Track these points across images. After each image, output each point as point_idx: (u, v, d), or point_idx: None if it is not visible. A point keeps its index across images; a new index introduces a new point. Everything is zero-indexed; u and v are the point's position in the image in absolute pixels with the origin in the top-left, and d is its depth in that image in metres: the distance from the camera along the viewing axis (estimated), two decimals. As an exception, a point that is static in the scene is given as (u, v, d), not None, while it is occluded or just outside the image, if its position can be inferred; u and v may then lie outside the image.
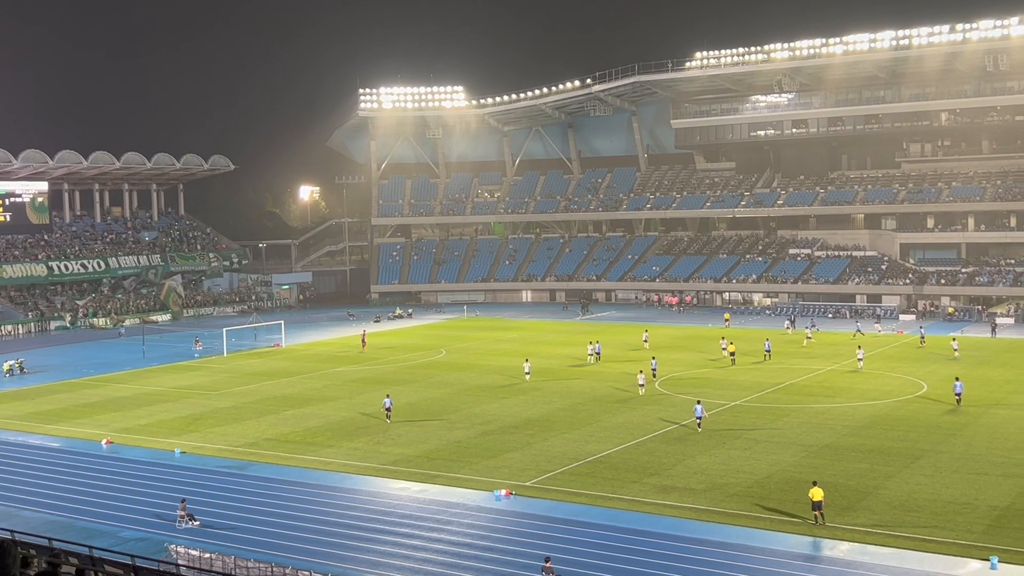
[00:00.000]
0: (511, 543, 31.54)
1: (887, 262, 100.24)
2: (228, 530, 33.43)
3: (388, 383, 59.01)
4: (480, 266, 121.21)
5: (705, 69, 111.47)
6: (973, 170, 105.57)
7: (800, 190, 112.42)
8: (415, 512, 34.97)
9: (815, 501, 32.01)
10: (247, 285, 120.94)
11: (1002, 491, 35.10)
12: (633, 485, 37.13)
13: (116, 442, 46.91)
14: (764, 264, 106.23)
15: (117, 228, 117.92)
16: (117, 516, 35.38)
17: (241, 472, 41.07)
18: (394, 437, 46.23)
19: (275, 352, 77.83)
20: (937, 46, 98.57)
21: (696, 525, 32.58)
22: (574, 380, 60.60)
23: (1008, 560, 28.45)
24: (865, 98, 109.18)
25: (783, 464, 39.36)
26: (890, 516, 32.65)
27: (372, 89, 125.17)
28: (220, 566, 27.99)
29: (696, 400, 48.11)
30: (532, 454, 42.26)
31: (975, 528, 31.34)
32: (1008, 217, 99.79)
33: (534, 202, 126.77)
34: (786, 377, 59.68)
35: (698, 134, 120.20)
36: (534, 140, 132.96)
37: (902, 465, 38.87)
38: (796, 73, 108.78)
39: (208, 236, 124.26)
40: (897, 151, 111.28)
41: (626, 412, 50.31)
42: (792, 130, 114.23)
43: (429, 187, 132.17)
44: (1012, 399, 51.58)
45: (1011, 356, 66.92)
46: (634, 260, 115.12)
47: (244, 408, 54.43)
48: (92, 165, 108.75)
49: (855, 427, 45.76)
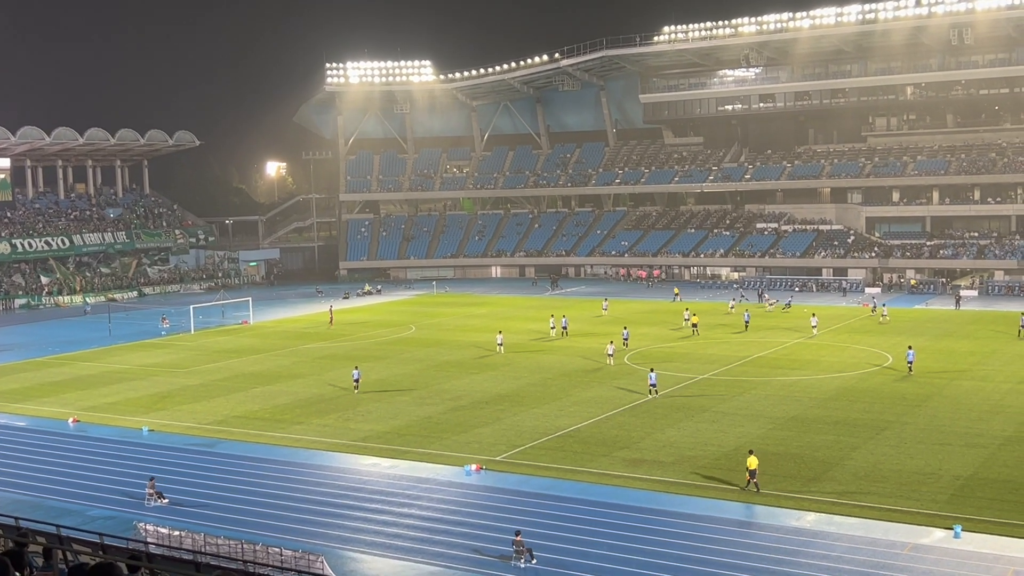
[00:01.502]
0: (482, 517, 31.67)
1: (853, 235, 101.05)
2: (197, 508, 33.33)
3: (357, 359, 58.86)
4: (449, 242, 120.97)
5: (673, 44, 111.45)
6: (938, 144, 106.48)
7: (767, 164, 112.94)
8: (385, 488, 35.01)
9: (751, 469, 32.69)
10: (214, 262, 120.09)
11: (965, 461, 35.63)
12: (603, 459, 37.35)
13: (83, 421, 46.56)
14: (732, 238, 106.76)
15: (81, 205, 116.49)
16: (85, 495, 35.17)
17: (210, 450, 40.91)
18: (364, 413, 46.20)
19: (243, 329, 77.41)
20: (903, 20, 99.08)
21: (665, 497, 32.85)
22: (544, 355, 60.76)
23: (971, 528, 28.91)
24: (832, 72, 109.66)
25: (751, 436, 39.71)
26: (856, 486, 33.07)
27: (339, 64, 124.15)
28: (190, 544, 27.90)
29: (650, 368, 50.20)
30: (502, 429, 42.39)
31: (939, 497, 31.81)
32: (972, 190, 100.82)
33: (503, 177, 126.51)
34: (753, 350, 60.14)
35: (666, 109, 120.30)
36: (503, 115, 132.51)
37: (867, 436, 39.35)
38: (763, 48, 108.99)
39: (174, 213, 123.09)
40: (863, 125, 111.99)
41: (595, 386, 50.54)
42: (759, 104, 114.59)
43: (397, 163, 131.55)
44: (975, 371, 52.28)
45: (975, 328, 67.77)
46: (603, 235, 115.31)
47: (212, 386, 54.16)
48: (55, 141, 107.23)
49: (821, 399, 46.24)
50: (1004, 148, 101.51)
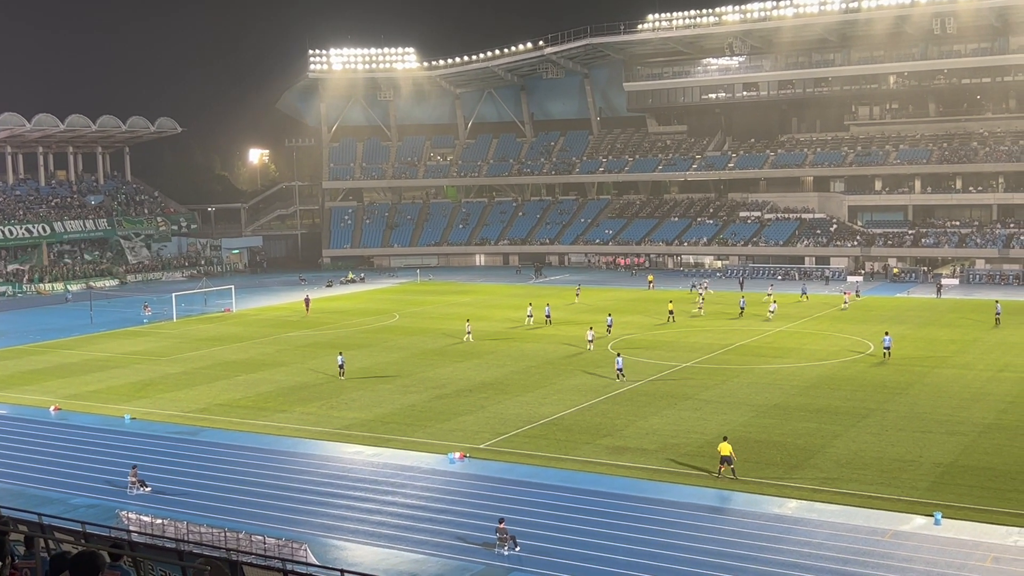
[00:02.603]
0: (465, 505, 31.72)
1: (835, 224, 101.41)
2: (180, 496, 33.26)
3: (341, 347, 58.70)
4: (433, 230, 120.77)
5: (657, 31, 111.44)
6: (920, 133, 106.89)
7: (750, 153, 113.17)
8: (369, 476, 35.02)
9: (724, 455, 32.75)
10: (196, 249, 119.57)
11: (946, 448, 35.89)
12: (586, 446, 37.45)
13: (65, 409, 46.34)
14: (715, 227, 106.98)
15: (62, 192, 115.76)
16: (67, 483, 35.04)
17: (192, 438, 40.81)
18: (347, 401, 46.15)
19: (225, 317, 77.15)
20: (886, 9, 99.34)
21: (648, 485, 32.97)
22: (527, 343, 60.82)
23: (951, 515, 29.14)
24: (815, 61, 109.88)
25: (733, 424, 39.88)
26: (837, 473, 33.27)
27: (322, 50, 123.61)
28: (172, 532, 27.85)
29: (616, 353, 51.03)
30: (486, 417, 42.44)
31: (920, 485, 32.04)
32: (954, 179, 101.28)
33: (487, 165, 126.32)
34: (736, 338, 60.36)
35: (650, 97, 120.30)
36: (486, 103, 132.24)
37: (849, 424, 39.58)
38: (747, 36, 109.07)
39: (156, 200, 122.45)
40: (846, 114, 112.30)
41: (579, 374, 50.64)
42: (743, 93, 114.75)
43: (380, 150, 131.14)
44: (956, 359, 52.63)
45: (956, 316, 68.19)
46: (587, 223, 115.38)
47: (195, 373, 53.98)
48: (35, 127, 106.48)
49: (803, 387, 46.47)
50: (985, 137, 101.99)
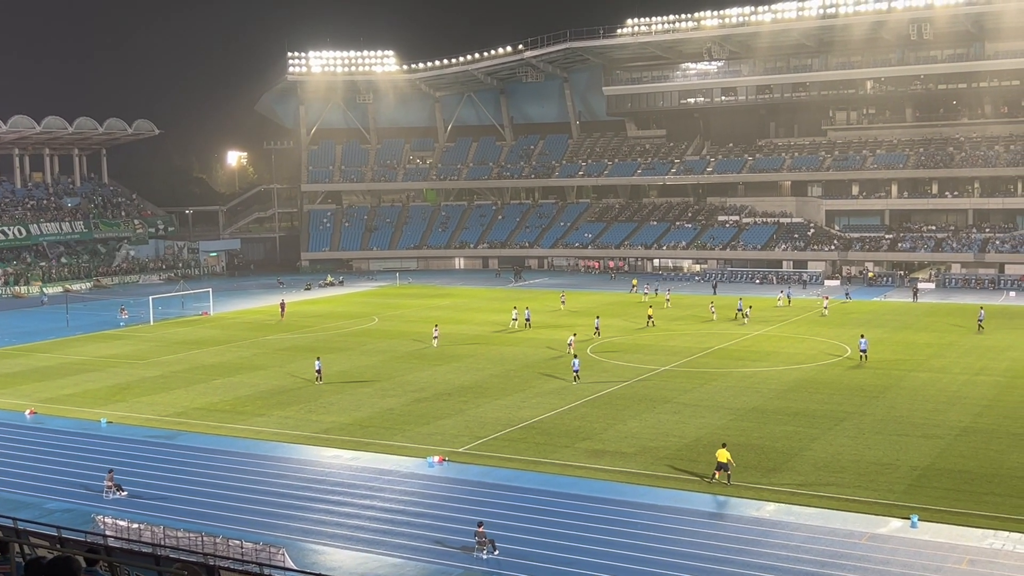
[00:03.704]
0: (444, 509, 31.67)
1: (813, 228, 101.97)
2: (157, 500, 33.03)
3: (320, 351, 58.55)
4: (412, 233, 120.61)
5: (636, 36, 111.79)
6: (896, 138, 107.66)
7: (729, 157, 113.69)
8: (348, 480, 34.90)
9: (720, 462, 32.87)
10: (173, 252, 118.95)
11: (922, 452, 36.12)
12: (565, 450, 37.47)
13: (40, 412, 45.96)
14: (694, 231, 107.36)
15: (38, 194, 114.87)
16: (42, 487, 34.73)
17: (170, 442, 40.55)
18: (326, 405, 46.00)
19: (203, 320, 76.76)
20: (863, 15, 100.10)
21: (627, 488, 33.02)
22: (506, 347, 60.80)
23: (928, 518, 29.33)
24: (793, 66, 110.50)
25: (711, 427, 40.01)
26: (815, 477, 33.42)
27: (301, 53, 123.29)
28: (149, 536, 27.66)
29: (573, 355, 51.47)
30: (465, 420, 42.39)
31: (896, 488, 32.23)
32: (930, 184, 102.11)
33: (466, 169, 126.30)
34: (715, 342, 60.57)
35: (629, 101, 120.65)
36: (466, 106, 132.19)
37: (826, 427, 39.78)
38: (725, 41, 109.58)
39: (133, 202, 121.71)
40: (823, 119, 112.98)
41: (558, 378, 50.65)
42: (721, 98, 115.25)
43: (360, 153, 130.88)
44: (932, 362, 52.99)
45: (932, 320, 68.66)
46: (566, 227, 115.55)
47: (172, 377, 53.66)
48: (11, 129, 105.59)
49: (781, 390, 46.67)
50: (961, 142, 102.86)
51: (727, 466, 32.84)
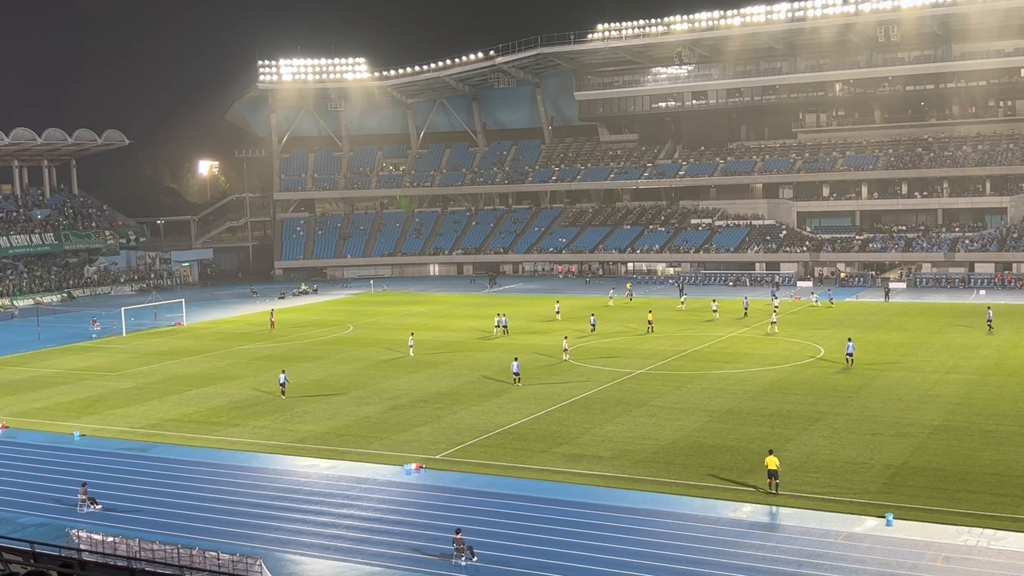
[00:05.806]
0: (422, 516, 31.61)
1: (785, 230, 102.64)
2: (132, 513, 32.78)
3: (294, 360, 58.31)
4: (386, 240, 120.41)
5: (607, 41, 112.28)
6: (866, 139, 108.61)
7: (701, 161, 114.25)
8: (324, 489, 34.77)
9: (770, 469, 32.18)
10: (145, 263, 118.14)
11: (896, 450, 36.40)
12: (542, 455, 37.49)
13: (12, 427, 45.50)
14: (667, 234, 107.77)
15: (7, 206, 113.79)
16: (15, 502, 34.37)
17: (144, 454, 40.26)
18: (301, 414, 45.81)
19: (176, 331, 76.28)
20: (831, 18, 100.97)
21: (604, 492, 33.08)
22: (482, 352, 60.78)
23: (902, 516, 29.55)
24: (763, 69, 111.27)
25: (687, 430, 40.16)
26: (790, 477, 33.59)
27: (272, 61, 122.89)
28: (124, 550, 27.43)
29: (514, 357, 52.32)
30: (442, 427, 42.33)
31: (871, 487, 32.46)
32: (899, 185, 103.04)
33: (440, 175, 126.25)
34: (689, 344, 60.79)
35: (601, 106, 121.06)
36: (439, 113, 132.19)
37: (801, 428, 40.02)
38: (696, 45, 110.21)
39: (104, 213, 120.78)
40: (794, 121, 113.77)
41: (534, 383, 50.67)
42: (692, 101, 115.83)
43: (332, 160, 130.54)
44: (905, 361, 53.43)
45: (904, 320, 69.23)
46: (540, 232, 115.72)
47: (145, 389, 53.28)
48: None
49: (755, 392, 46.91)
50: (930, 143, 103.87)
51: (776, 473, 32.23)
